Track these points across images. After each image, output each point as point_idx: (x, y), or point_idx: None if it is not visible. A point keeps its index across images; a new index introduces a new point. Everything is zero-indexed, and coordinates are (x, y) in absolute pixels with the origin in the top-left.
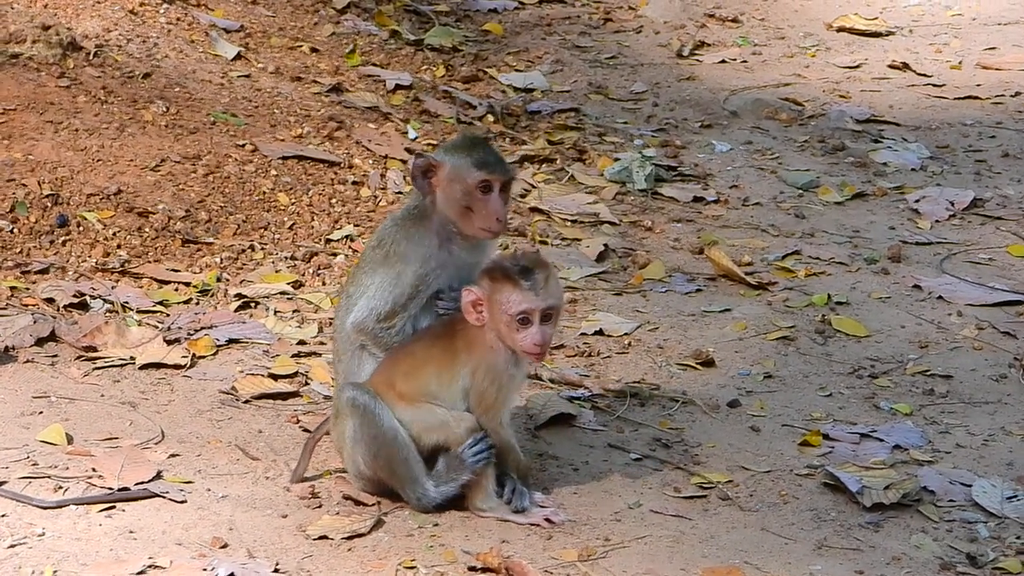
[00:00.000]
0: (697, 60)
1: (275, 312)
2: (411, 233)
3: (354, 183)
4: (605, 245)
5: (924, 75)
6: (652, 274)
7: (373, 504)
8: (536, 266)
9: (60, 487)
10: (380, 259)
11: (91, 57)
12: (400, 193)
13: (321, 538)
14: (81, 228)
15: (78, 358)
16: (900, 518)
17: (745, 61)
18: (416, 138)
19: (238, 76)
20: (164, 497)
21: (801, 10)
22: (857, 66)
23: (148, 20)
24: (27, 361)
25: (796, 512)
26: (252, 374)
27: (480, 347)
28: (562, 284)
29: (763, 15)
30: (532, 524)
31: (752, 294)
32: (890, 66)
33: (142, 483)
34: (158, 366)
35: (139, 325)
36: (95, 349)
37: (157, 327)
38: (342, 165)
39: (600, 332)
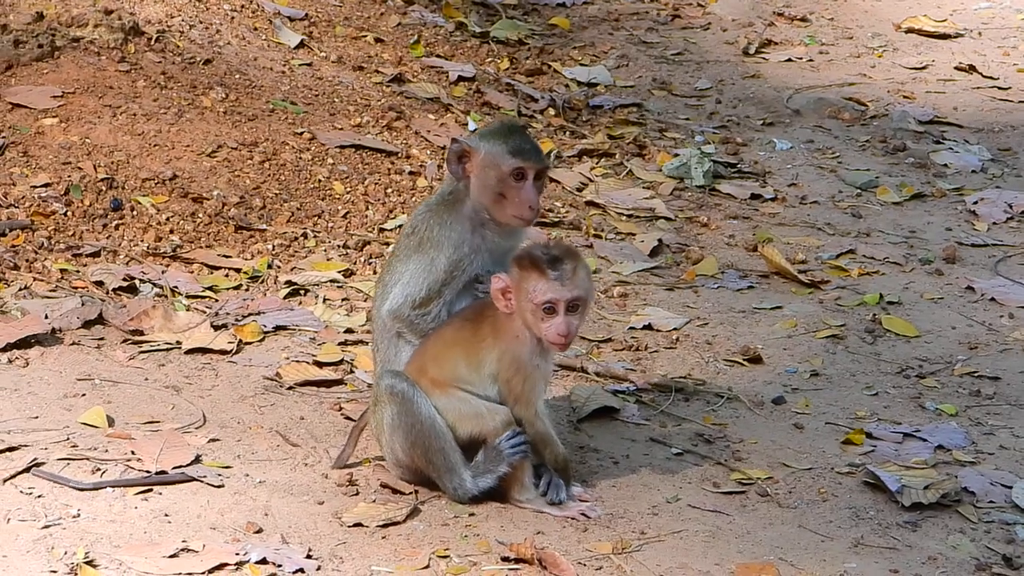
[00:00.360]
0: (763, 58)
1: (324, 300)
2: (444, 218)
3: (411, 173)
4: (659, 240)
5: (990, 78)
6: (705, 270)
7: (410, 493)
8: (566, 256)
9: (98, 469)
10: (414, 246)
11: (152, 42)
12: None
13: (356, 525)
14: (135, 212)
15: (124, 341)
16: (939, 518)
17: (811, 60)
18: (475, 129)
19: (300, 64)
20: (201, 481)
21: (871, 11)
22: (923, 67)
23: (212, 7)
24: (73, 343)
25: (834, 510)
26: (297, 361)
27: (507, 335)
28: (592, 277)
29: (832, 14)
30: (568, 517)
31: (804, 292)
32: (956, 68)
33: (180, 467)
34: (204, 351)
35: (187, 310)
36: (142, 333)
37: (205, 312)
38: (399, 155)
39: (649, 327)
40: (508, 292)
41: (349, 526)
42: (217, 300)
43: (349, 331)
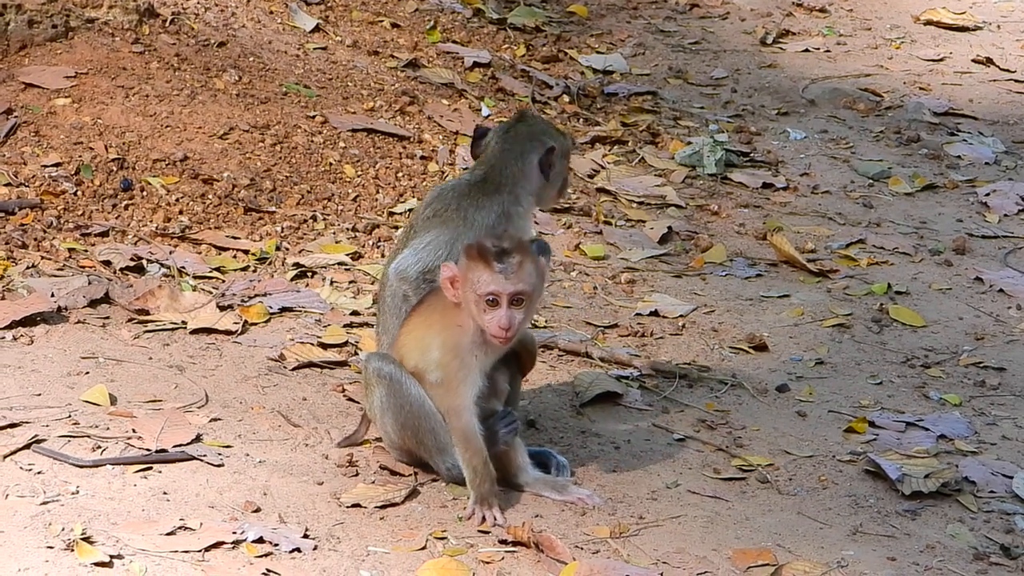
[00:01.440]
0: (780, 48)
1: (331, 282)
2: (480, 202)
3: (422, 158)
4: (669, 227)
5: (1007, 71)
6: (713, 258)
7: (409, 475)
8: (515, 250)
9: (98, 447)
10: (440, 219)
11: (167, 24)
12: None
13: (354, 506)
14: (145, 193)
15: (129, 320)
16: (938, 507)
17: (828, 51)
18: (489, 115)
19: (314, 48)
20: (201, 460)
21: (890, 2)
22: (941, 59)
23: None
24: (78, 322)
25: (834, 497)
26: (302, 342)
27: (451, 323)
28: (542, 274)
29: (851, 6)
30: (567, 502)
31: (812, 281)
32: (974, 60)
33: (180, 446)
34: (209, 331)
35: (193, 290)
36: (147, 312)
37: (211, 293)
38: (412, 139)
39: (655, 313)
40: (456, 281)
41: (347, 507)
42: (224, 281)
43: (355, 313)
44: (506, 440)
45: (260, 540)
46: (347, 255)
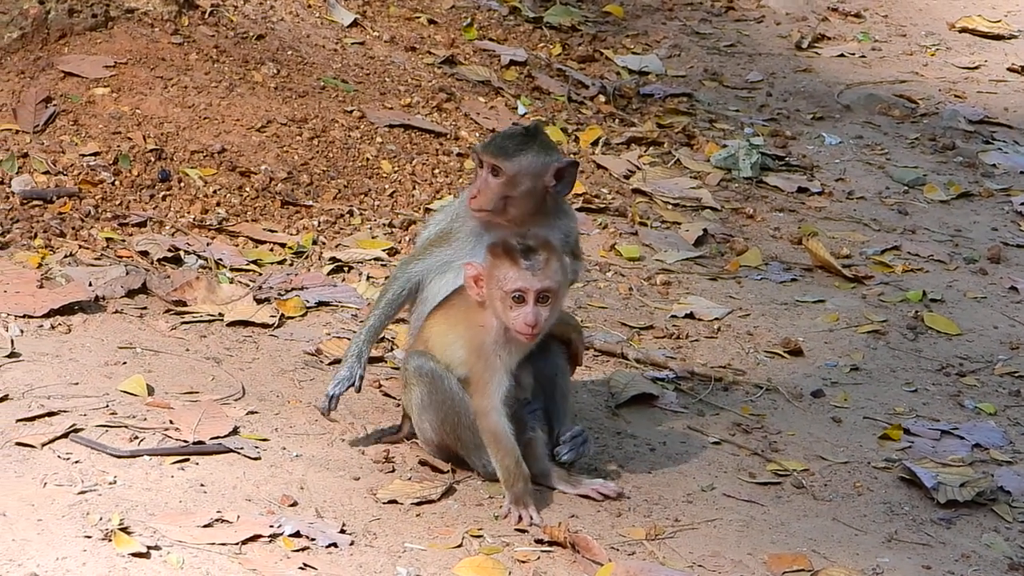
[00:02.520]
0: (815, 53)
1: (367, 277)
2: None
3: (459, 155)
4: (704, 230)
5: None
6: (749, 261)
7: (447, 471)
8: (540, 247)
9: (136, 437)
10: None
11: (206, 16)
12: None
13: (390, 502)
14: (182, 184)
15: (167, 312)
16: (973, 516)
17: (863, 56)
18: (525, 113)
19: (352, 43)
20: (238, 453)
21: (925, 9)
22: (976, 67)
23: None
24: (116, 312)
25: (869, 504)
26: (338, 337)
27: (475, 323)
28: (565, 271)
29: (887, 12)
30: (582, 495)
31: (847, 287)
32: (1009, 69)
33: (217, 438)
34: (246, 324)
35: (230, 283)
36: (184, 304)
37: (248, 285)
38: (448, 136)
39: (691, 315)
40: (480, 280)
41: (384, 503)
42: (261, 274)
43: None
44: (535, 426)
45: (297, 534)
46: (383, 250)
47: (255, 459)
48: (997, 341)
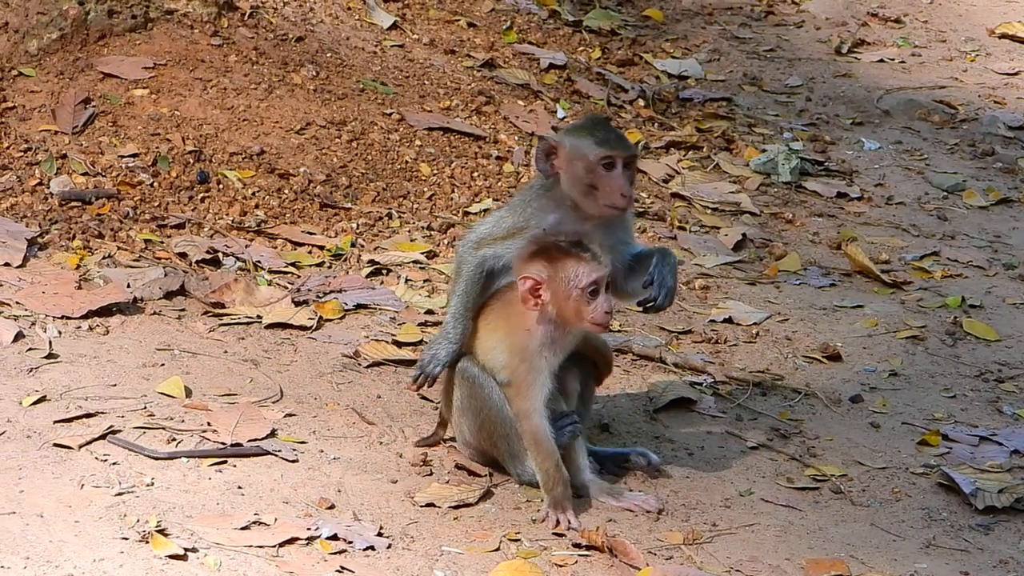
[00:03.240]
0: (855, 58)
1: (406, 280)
2: (540, 204)
3: (498, 158)
4: (743, 235)
5: None
6: (788, 266)
7: (484, 475)
8: (584, 239)
9: (174, 439)
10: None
11: (246, 18)
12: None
13: (428, 505)
14: (221, 186)
15: (205, 313)
16: (1012, 522)
17: (903, 62)
18: (564, 117)
19: (391, 45)
20: (276, 455)
21: (965, 14)
22: (1015, 73)
23: None
24: (154, 313)
25: (907, 510)
26: (376, 340)
27: (518, 327)
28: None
29: (926, 17)
30: (624, 508)
31: (886, 292)
32: None
33: (255, 440)
34: (284, 326)
35: (269, 285)
36: (223, 306)
37: (287, 288)
38: (487, 139)
39: (729, 320)
40: (539, 287)
41: (421, 506)
42: (299, 276)
43: (430, 312)
44: (562, 442)
45: (334, 537)
46: (422, 253)
47: (293, 461)
48: None
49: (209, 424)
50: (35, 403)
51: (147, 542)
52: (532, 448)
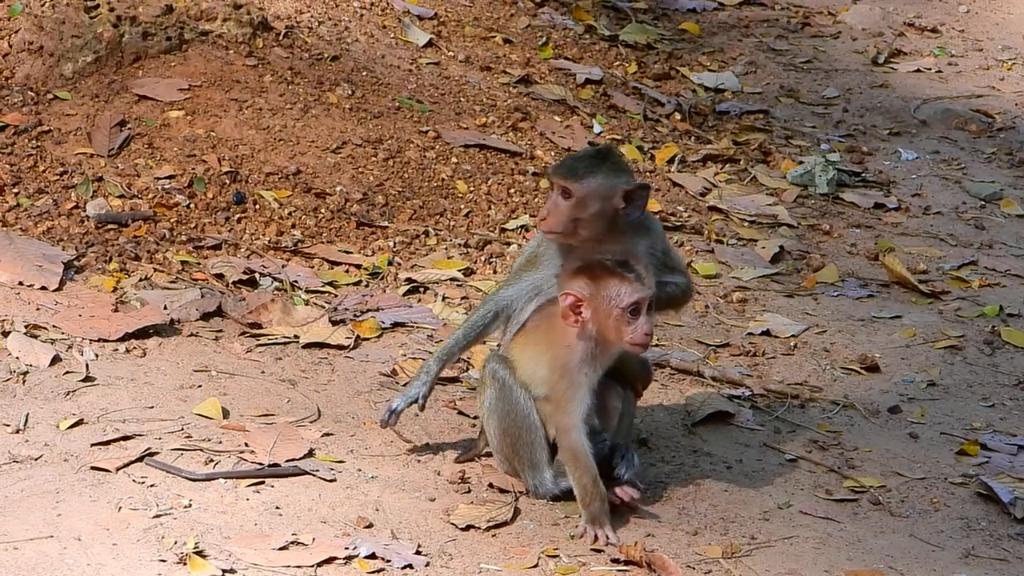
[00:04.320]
0: (892, 68)
1: (443, 298)
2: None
3: (534, 174)
4: (781, 247)
5: None
6: (825, 278)
7: (511, 491)
8: (630, 259)
9: (211, 460)
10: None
11: (281, 37)
12: None
13: (467, 528)
14: (257, 206)
15: (242, 334)
16: None
17: (940, 71)
18: (601, 132)
19: (427, 63)
20: (313, 475)
21: (1002, 23)
22: None
23: (341, 4)
24: (191, 335)
25: (946, 520)
26: (414, 358)
27: (559, 343)
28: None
29: (963, 26)
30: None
31: (924, 302)
32: None
33: (293, 460)
34: (321, 346)
35: (306, 304)
36: (260, 326)
37: (324, 307)
38: (524, 156)
39: (767, 332)
40: (580, 305)
41: (460, 528)
42: (336, 295)
43: None
44: (631, 480)
45: (372, 556)
46: (459, 271)
47: (330, 481)
48: None
49: (247, 445)
50: (72, 426)
51: (185, 564)
52: (570, 463)
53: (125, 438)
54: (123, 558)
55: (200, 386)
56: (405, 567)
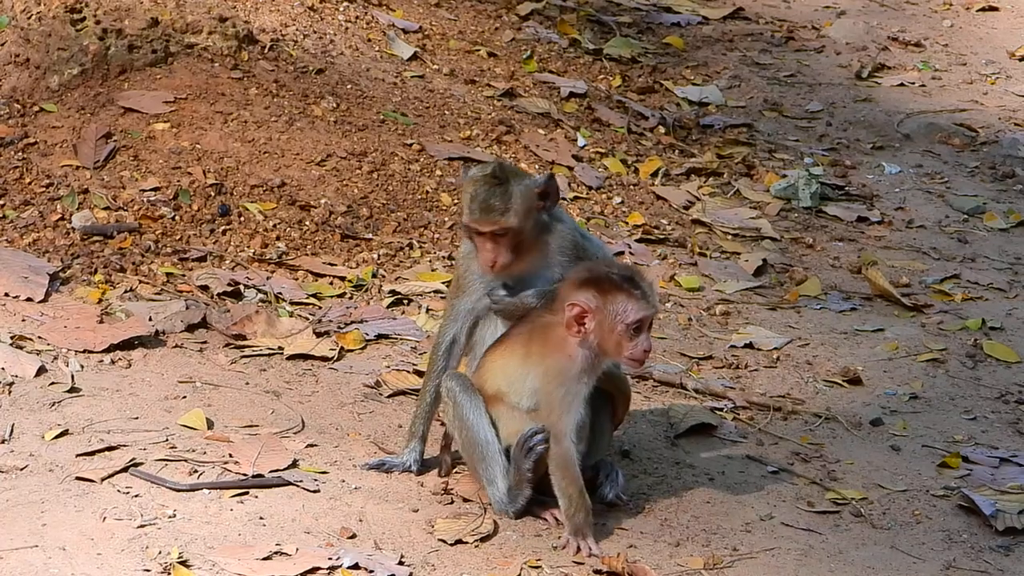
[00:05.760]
0: (876, 82)
1: (427, 310)
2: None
3: None
4: (764, 260)
5: None
6: (808, 291)
7: (481, 505)
8: (636, 274)
9: (195, 471)
10: None
11: (266, 51)
12: (564, 199)
13: (457, 542)
14: (242, 218)
15: (227, 346)
16: None
17: (924, 85)
18: (585, 145)
19: (412, 76)
20: (297, 486)
21: (986, 38)
22: None
23: (326, 17)
24: (176, 346)
25: (928, 532)
26: (398, 370)
27: (557, 352)
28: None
29: (947, 41)
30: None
31: (907, 315)
32: None
33: (277, 471)
34: (305, 357)
35: (290, 316)
36: (244, 338)
37: (308, 319)
38: None
39: (750, 345)
40: (586, 316)
41: (443, 538)
42: (320, 307)
43: None
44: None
45: (356, 566)
46: (443, 283)
47: (314, 492)
48: None
49: (231, 456)
50: (57, 437)
51: (169, 574)
52: (557, 472)
53: (110, 448)
54: (107, 568)
55: (185, 397)
56: None
